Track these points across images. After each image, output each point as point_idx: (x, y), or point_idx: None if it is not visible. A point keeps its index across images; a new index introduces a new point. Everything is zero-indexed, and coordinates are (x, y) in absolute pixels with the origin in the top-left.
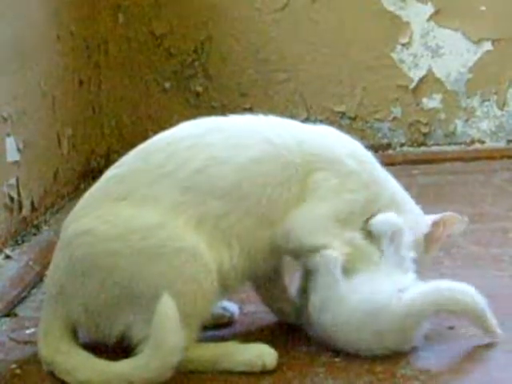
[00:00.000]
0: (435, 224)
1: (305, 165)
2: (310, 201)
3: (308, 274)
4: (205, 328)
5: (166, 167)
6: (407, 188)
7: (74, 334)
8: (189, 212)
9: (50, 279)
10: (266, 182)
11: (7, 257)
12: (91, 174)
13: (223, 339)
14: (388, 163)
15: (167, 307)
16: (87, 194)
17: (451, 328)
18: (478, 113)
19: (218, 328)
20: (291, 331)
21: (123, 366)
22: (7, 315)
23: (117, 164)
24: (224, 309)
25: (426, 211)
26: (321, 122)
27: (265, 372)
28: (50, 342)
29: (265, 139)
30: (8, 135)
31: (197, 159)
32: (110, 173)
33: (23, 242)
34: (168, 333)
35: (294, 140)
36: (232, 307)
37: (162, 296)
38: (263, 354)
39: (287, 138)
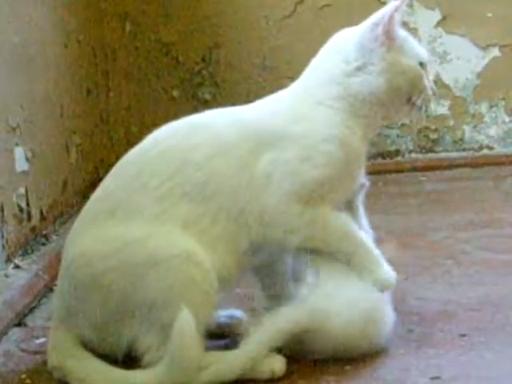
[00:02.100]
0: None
1: (254, 150)
2: (267, 187)
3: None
4: (212, 337)
5: (140, 179)
6: (416, 195)
7: (84, 345)
8: (171, 219)
9: (56, 302)
10: (223, 177)
11: (17, 266)
12: (100, 182)
13: (231, 348)
14: (396, 170)
15: (185, 322)
16: (80, 216)
17: (463, 335)
18: (486, 119)
19: (225, 337)
20: None
21: (139, 377)
22: (17, 325)
23: (101, 183)
24: (231, 317)
25: (435, 218)
26: None
27: (274, 379)
28: (60, 350)
29: (214, 134)
30: (16, 145)
31: (164, 166)
32: (95, 193)
33: (32, 251)
34: (187, 348)
35: (240, 127)
36: (239, 315)
37: (180, 311)
38: (272, 360)
39: (234, 128)
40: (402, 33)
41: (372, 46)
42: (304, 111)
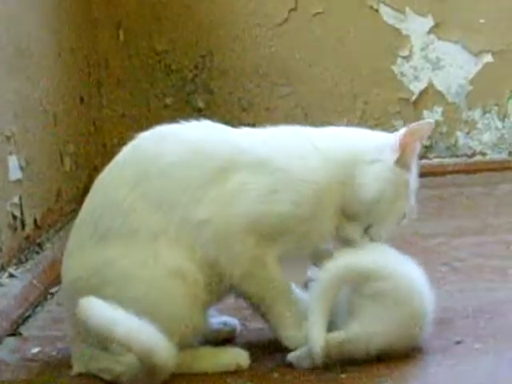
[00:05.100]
0: (401, 147)
1: (227, 167)
2: (229, 207)
3: None
4: (206, 344)
5: (108, 195)
6: None
7: None
8: (140, 231)
9: (66, 322)
10: (186, 186)
11: (11, 275)
12: None
13: None
14: None
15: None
16: (68, 242)
17: (458, 342)
18: (479, 125)
19: (220, 344)
20: None
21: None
22: (12, 334)
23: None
24: (224, 324)
25: (428, 224)
26: None
27: None
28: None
29: (185, 142)
30: (10, 153)
31: (127, 178)
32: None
33: (27, 260)
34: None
35: (218, 143)
36: (232, 322)
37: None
38: (236, 354)
39: (210, 142)
40: (413, 172)
41: (387, 152)
42: (296, 147)
